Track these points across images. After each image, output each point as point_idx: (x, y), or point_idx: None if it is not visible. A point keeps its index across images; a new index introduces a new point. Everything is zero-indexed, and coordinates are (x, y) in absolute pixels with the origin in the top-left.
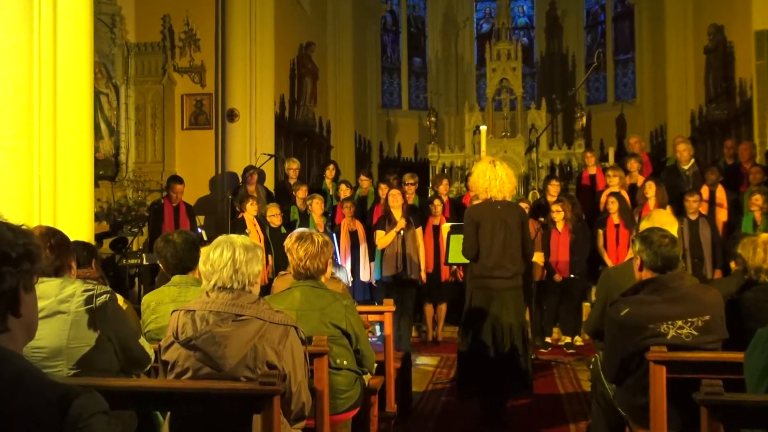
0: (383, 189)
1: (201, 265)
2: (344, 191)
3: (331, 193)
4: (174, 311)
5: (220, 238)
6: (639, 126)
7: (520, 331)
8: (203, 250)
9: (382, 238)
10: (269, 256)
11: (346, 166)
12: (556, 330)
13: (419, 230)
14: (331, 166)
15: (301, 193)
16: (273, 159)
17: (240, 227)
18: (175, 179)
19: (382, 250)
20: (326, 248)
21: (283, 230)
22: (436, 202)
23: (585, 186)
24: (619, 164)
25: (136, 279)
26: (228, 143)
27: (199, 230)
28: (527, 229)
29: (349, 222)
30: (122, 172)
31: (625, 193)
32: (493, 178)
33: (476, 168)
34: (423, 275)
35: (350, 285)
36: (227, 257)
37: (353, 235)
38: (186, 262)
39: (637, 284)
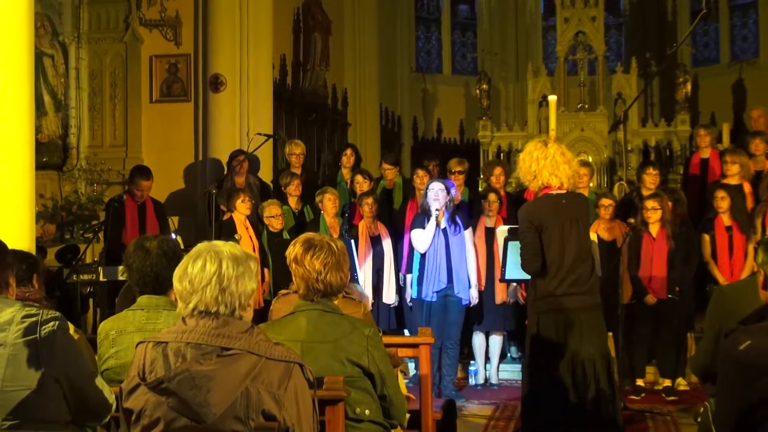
0: (420, 178)
1: (176, 283)
2: (362, 184)
3: (349, 186)
4: (140, 343)
5: (201, 246)
6: (764, 94)
7: (605, 368)
8: (181, 262)
9: (422, 237)
10: (266, 270)
11: (368, 151)
12: (651, 370)
13: (469, 233)
14: (349, 151)
15: (293, 188)
16: (271, 141)
17: (227, 232)
18: (141, 172)
19: (422, 259)
20: (344, 257)
21: (286, 236)
22: (492, 197)
23: (694, 176)
24: (738, 146)
25: (91, 300)
26: (211, 120)
27: (173, 236)
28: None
29: (370, 224)
30: (72, 159)
31: (748, 186)
32: (542, 158)
33: (523, 150)
34: (474, 294)
35: (372, 308)
36: (211, 272)
37: (374, 241)
38: (162, 278)
39: (762, 308)
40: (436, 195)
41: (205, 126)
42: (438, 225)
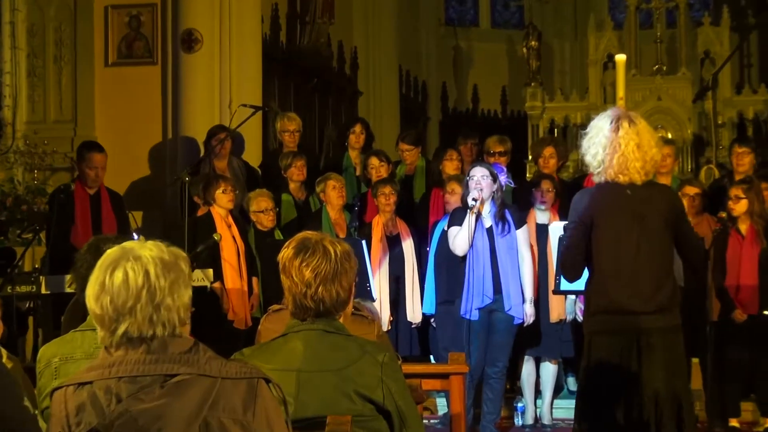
0: (451, 160)
1: (92, 304)
2: (378, 168)
3: (358, 172)
4: (55, 390)
5: (113, 252)
6: None
7: (674, 413)
8: (92, 276)
9: (458, 235)
10: (254, 279)
11: (384, 127)
12: (748, 407)
13: (522, 233)
14: (358, 127)
15: (297, 171)
16: (259, 115)
17: (204, 230)
18: (90, 147)
19: (462, 264)
20: (348, 264)
21: (279, 235)
22: (545, 185)
23: None
24: None
25: (31, 319)
26: (184, 89)
27: (135, 236)
28: (687, 224)
29: (387, 220)
30: (6, 138)
31: None
32: (617, 145)
33: (590, 128)
34: (530, 311)
35: (389, 328)
36: (137, 284)
37: (392, 242)
38: None
39: None
40: (477, 183)
41: (176, 96)
42: (477, 220)
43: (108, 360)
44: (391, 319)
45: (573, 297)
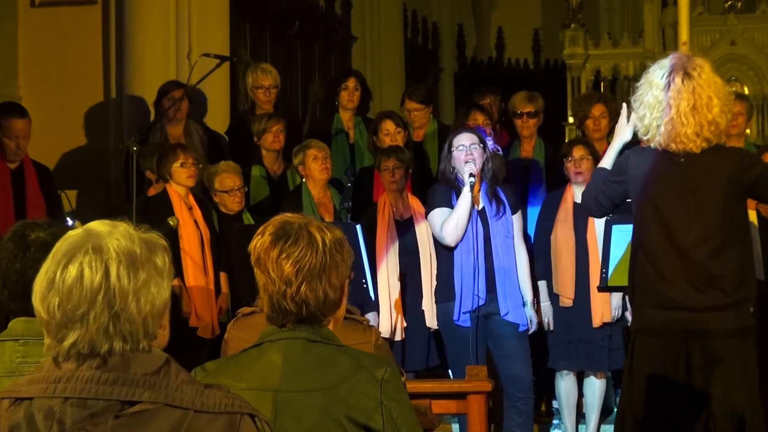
0: (391, 135)
1: (38, 305)
2: (393, 134)
3: (352, 139)
4: None
5: (73, 236)
6: None
7: (749, 430)
8: (42, 267)
9: (451, 220)
10: (222, 275)
11: (385, 81)
12: None
13: (517, 219)
14: (351, 82)
15: (272, 138)
16: (226, 67)
17: (157, 213)
18: (10, 110)
19: (449, 256)
20: (340, 256)
21: (248, 219)
22: (578, 151)
23: None
24: None
25: None
26: (130, 35)
27: (69, 221)
28: (764, 168)
29: (396, 200)
30: None
31: None
32: (666, 106)
33: (641, 82)
34: (533, 315)
35: (398, 338)
36: (92, 285)
37: (402, 228)
38: None
39: None
40: (468, 153)
41: (121, 44)
42: (474, 202)
43: (54, 374)
44: (404, 325)
45: (619, 295)
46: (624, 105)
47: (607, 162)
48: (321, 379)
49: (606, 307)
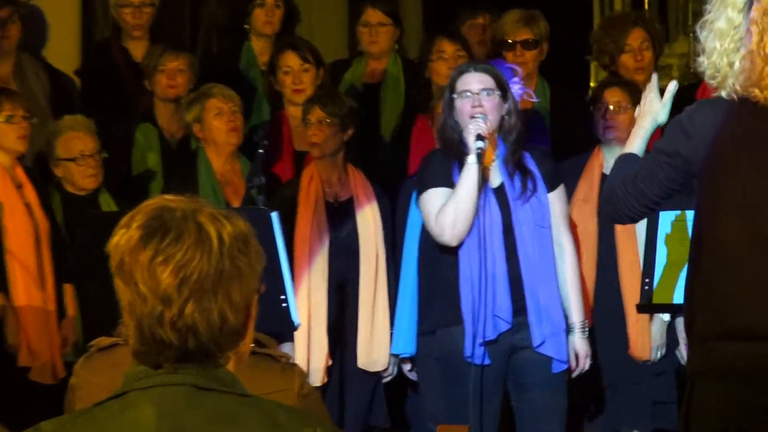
0: (442, 57)
1: None
2: (294, 74)
3: (258, 82)
4: None
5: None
6: None
7: None
8: None
9: (450, 207)
10: (67, 288)
11: None
12: None
13: (557, 196)
14: None
15: (167, 81)
16: None
17: None
18: None
19: (451, 261)
20: (244, 259)
21: (109, 203)
22: (615, 95)
23: None
24: None
25: None
26: None
27: None
28: None
29: (328, 173)
30: None
31: None
32: (745, 36)
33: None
34: (582, 349)
35: (317, 382)
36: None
37: (339, 215)
38: None
39: None
40: (476, 105)
41: None
42: (485, 178)
43: None
44: (330, 363)
45: (666, 319)
46: (654, 76)
47: (635, 147)
48: None
49: (646, 335)
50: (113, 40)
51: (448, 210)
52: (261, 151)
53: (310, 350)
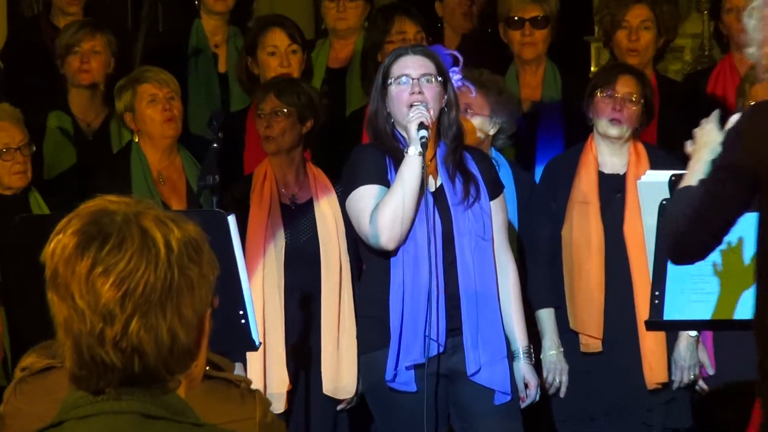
0: (401, 38)
1: None
2: (282, 56)
3: (223, 66)
4: None
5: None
6: None
7: None
8: None
9: (387, 207)
10: None
11: None
12: None
13: (498, 205)
14: None
15: (81, 64)
16: None
17: None
18: None
19: (381, 271)
20: (196, 268)
21: (39, 204)
22: (625, 84)
23: None
24: None
25: None
26: None
27: None
28: None
29: (285, 171)
30: None
31: None
32: None
33: None
34: (531, 379)
35: (279, 409)
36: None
37: (296, 218)
38: None
39: None
40: (415, 91)
41: None
42: (426, 176)
43: None
44: (290, 387)
45: (693, 335)
46: (716, 112)
47: (693, 181)
48: None
49: (662, 361)
50: (43, 16)
51: (385, 208)
52: (215, 145)
53: (266, 372)
